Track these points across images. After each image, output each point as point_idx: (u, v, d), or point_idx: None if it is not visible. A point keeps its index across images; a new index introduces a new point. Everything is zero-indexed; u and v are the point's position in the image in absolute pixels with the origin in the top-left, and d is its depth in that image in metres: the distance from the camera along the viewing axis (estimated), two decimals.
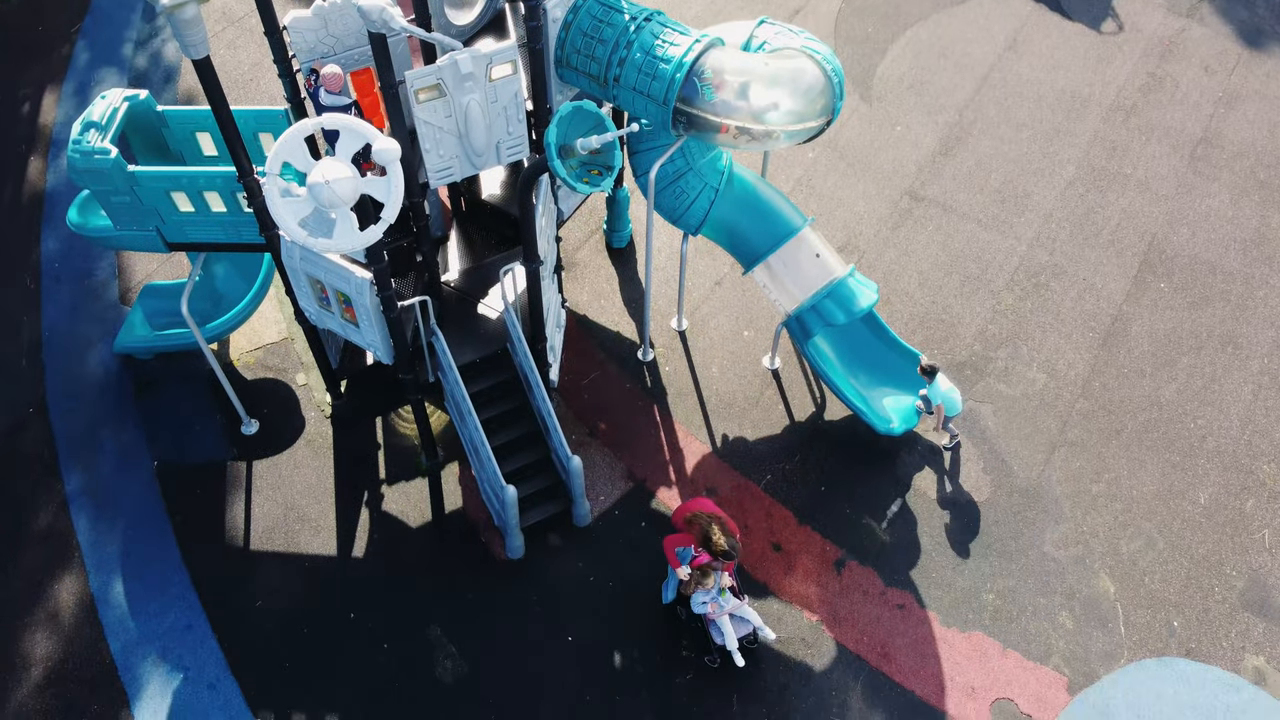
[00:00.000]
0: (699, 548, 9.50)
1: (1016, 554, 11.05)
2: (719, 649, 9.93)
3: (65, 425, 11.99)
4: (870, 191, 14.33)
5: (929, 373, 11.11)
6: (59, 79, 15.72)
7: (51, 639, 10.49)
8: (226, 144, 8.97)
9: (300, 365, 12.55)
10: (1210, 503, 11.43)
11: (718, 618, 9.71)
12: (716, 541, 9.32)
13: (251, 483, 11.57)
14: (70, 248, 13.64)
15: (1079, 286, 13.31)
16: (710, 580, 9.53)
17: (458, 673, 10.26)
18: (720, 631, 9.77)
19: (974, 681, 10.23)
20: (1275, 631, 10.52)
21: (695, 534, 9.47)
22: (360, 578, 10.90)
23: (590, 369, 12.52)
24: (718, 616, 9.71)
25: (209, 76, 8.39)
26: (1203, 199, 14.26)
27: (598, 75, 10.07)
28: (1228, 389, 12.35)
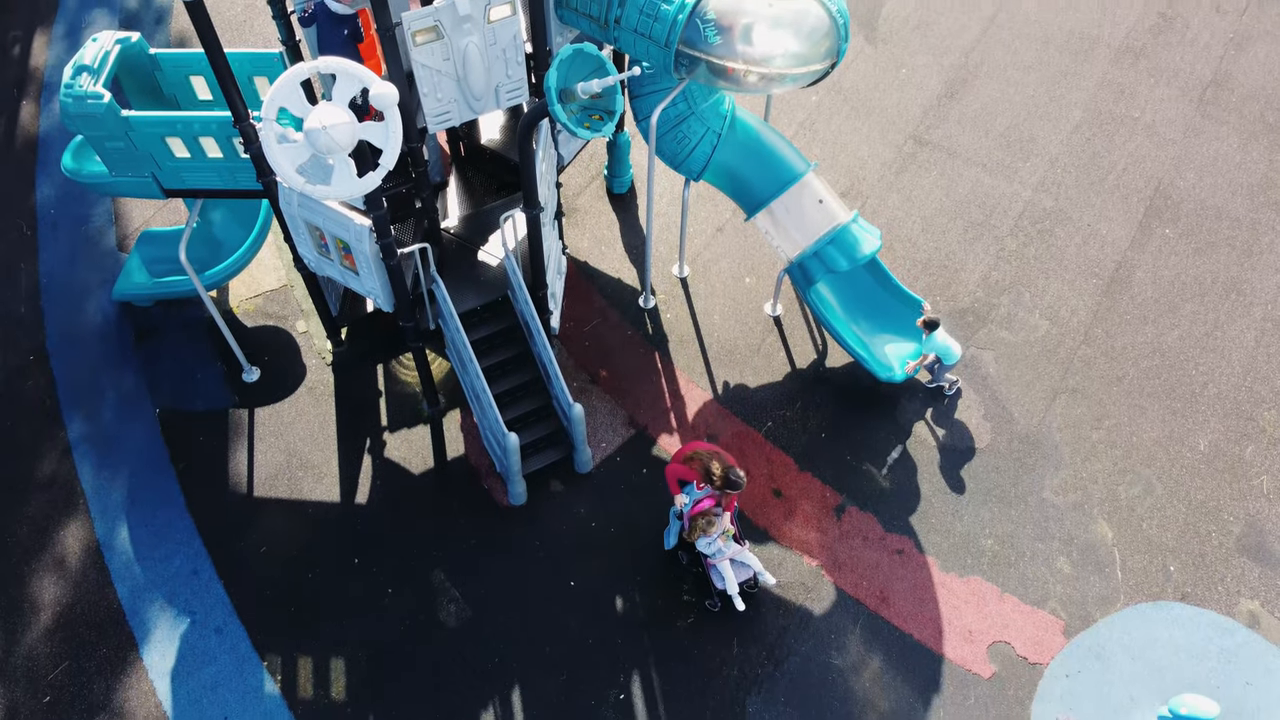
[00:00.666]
0: (702, 484, 9.55)
1: (1015, 500, 11.12)
2: (719, 593, 10.04)
3: (66, 372, 11.99)
4: (874, 135, 14.16)
5: (930, 326, 11.07)
6: (48, 21, 15.44)
7: (59, 584, 10.60)
8: (221, 88, 8.84)
9: (300, 312, 12.51)
10: (1210, 449, 11.47)
11: (719, 563, 9.80)
12: (716, 473, 9.37)
13: (254, 430, 11.60)
14: (66, 193, 13.51)
15: (1083, 232, 13.21)
16: (715, 526, 9.59)
17: (461, 616, 10.38)
18: (721, 576, 9.87)
19: (971, 625, 10.36)
20: (1270, 576, 10.62)
21: (697, 470, 9.52)
22: (363, 524, 10.98)
23: (591, 316, 12.48)
24: (719, 561, 9.79)
25: (202, 19, 8.23)
26: (1210, 143, 14.09)
27: (598, 16, 9.88)
28: (1230, 335, 12.31)
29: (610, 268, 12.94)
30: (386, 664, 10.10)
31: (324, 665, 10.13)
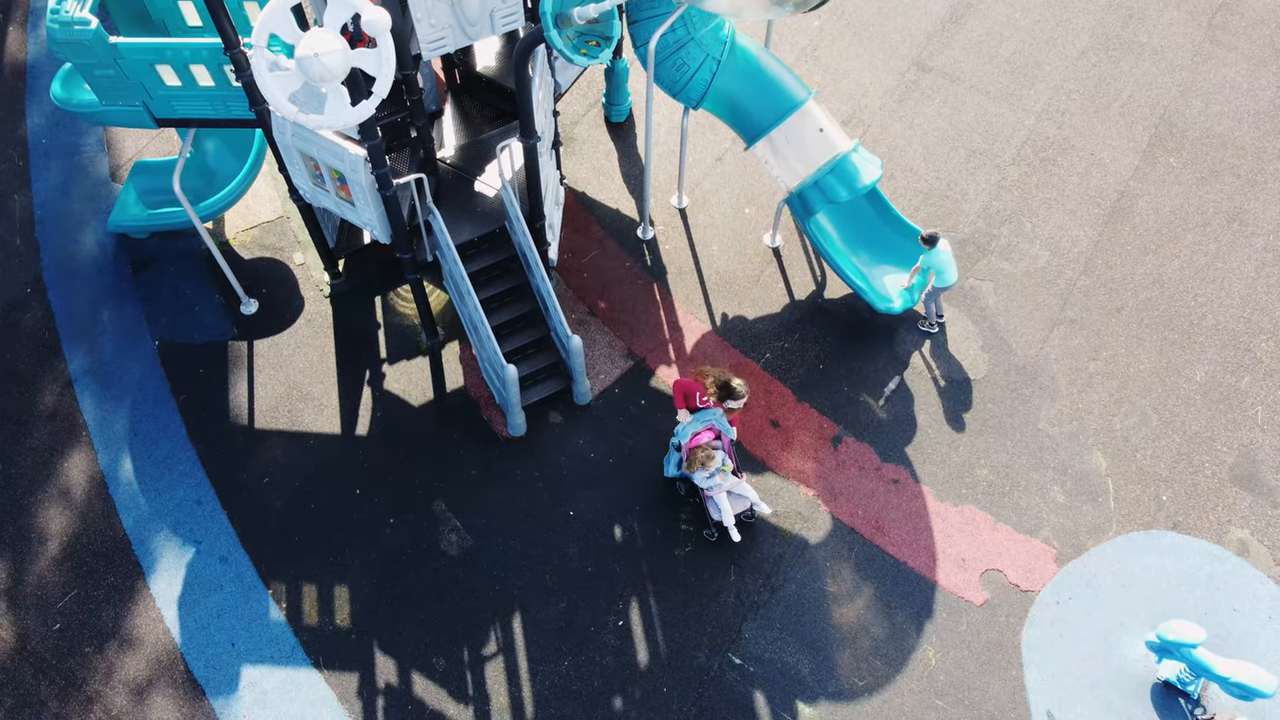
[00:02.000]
0: (705, 396, 9.66)
1: (1011, 430, 11.20)
2: (716, 524, 10.17)
3: (64, 304, 11.97)
4: (876, 62, 13.91)
5: (929, 241, 10.96)
6: None
7: (65, 515, 10.74)
8: (210, 13, 8.66)
9: (297, 244, 12.44)
10: (1206, 379, 11.51)
11: (715, 494, 9.91)
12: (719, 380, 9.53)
13: (253, 362, 11.62)
14: (56, 122, 13.34)
15: (1086, 161, 13.07)
16: (714, 460, 9.67)
17: (462, 545, 10.54)
18: (717, 507, 9.99)
19: (965, 553, 10.52)
20: (1261, 505, 10.75)
21: (702, 380, 9.64)
22: (364, 455, 11.08)
23: (590, 247, 12.41)
24: (715, 493, 9.90)
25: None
26: (1218, 69, 13.86)
27: None
28: (1231, 265, 12.27)
29: (609, 198, 12.83)
30: (388, 592, 10.28)
31: (327, 593, 10.31)
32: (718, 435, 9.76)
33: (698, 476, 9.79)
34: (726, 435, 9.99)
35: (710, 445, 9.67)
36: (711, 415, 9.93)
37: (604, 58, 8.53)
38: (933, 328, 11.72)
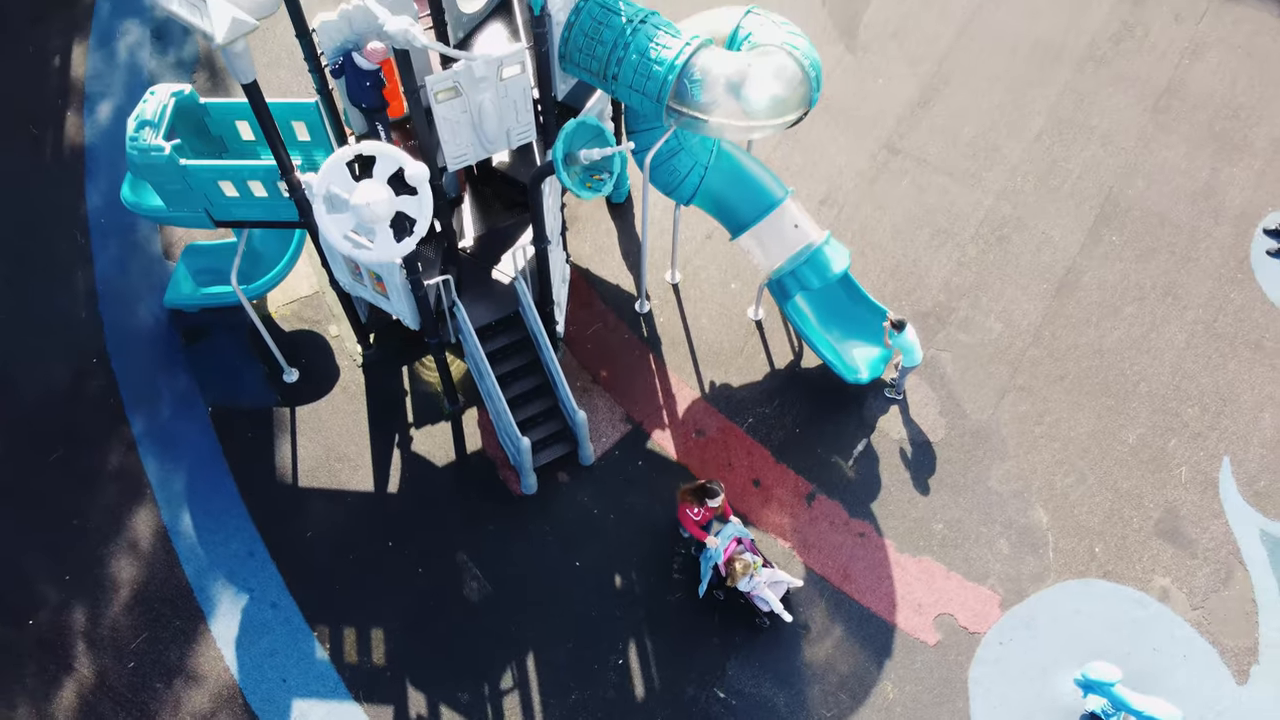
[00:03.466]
0: (695, 508, 11.08)
1: (964, 488, 12.71)
2: (767, 614, 11.49)
3: (126, 373, 13.47)
4: (851, 144, 15.40)
5: (898, 326, 12.46)
6: (85, 30, 16.51)
7: (134, 565, 12.26)
8: (270, 148, 10.16)
9: (332, 317, 13.93)
10: (1137, 442, 13.02)
11: (760, 591, 11.28)
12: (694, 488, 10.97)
13: (295, 426, 13.13)
14: (113, 202, 14.80)
15: (1038, 239, 14.57)
16: (751, 565, 11.05)
17: (482, 592, 12.06)
18: (765, 600, 11.29)
19: (921, 599, 12.04)
20: (1182, 556, 12.27)
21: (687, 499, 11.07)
22: (395, 510, 12.59)
23: (593, 320, 13.92)
24: (760, 590, 11.26)
25: (257, 97, 9.50)
26: (1160, 150, 15.35)
27: (598, 71, 11.11)
28: (1164, 337, 13.77)
29: (609, 273, 14.32)
30: (419, 633, 11.80)
31: (365, 634, 11.83)
32: (715, 515, 11.20)
33: (742, 584, 11.16)
34: (747, 538, 11.41)
35: (740, 555, 11.07)
36: (730, 530, 11.33)
37: (606, 190, 10.04)
38: (898, 396, 13.22)
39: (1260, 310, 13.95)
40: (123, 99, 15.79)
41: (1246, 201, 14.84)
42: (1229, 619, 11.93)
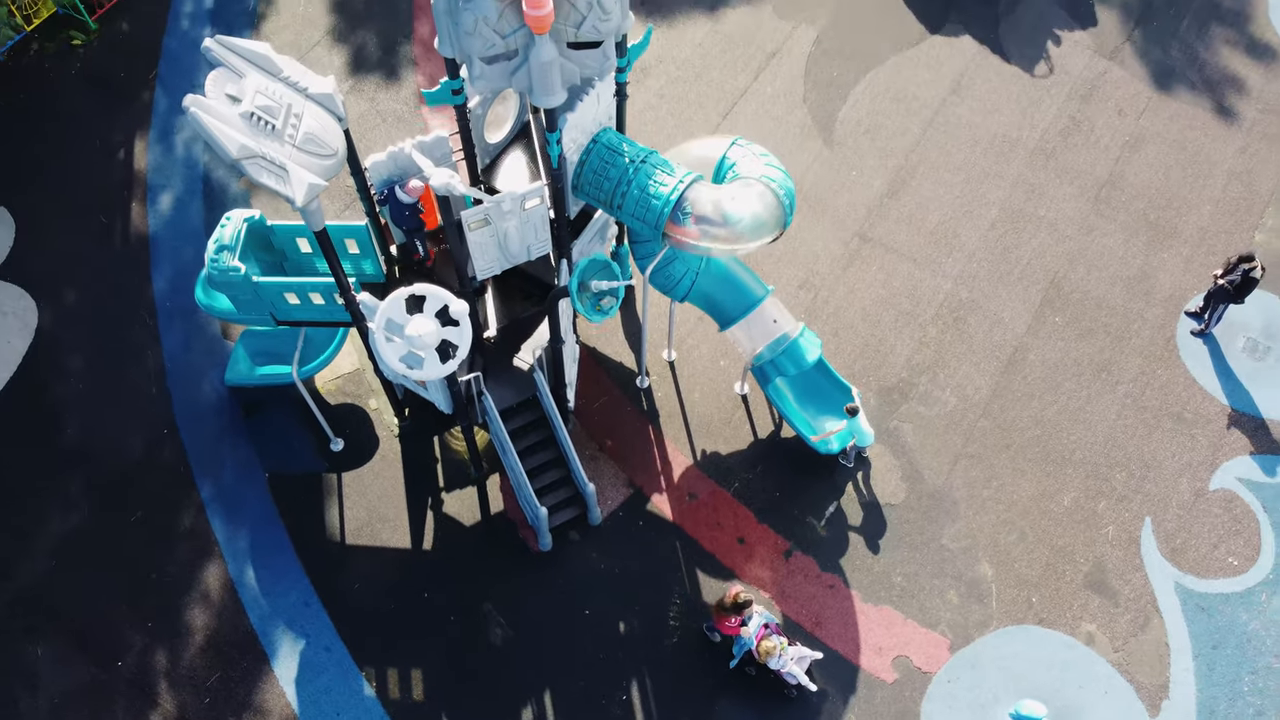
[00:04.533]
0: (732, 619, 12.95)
1: (920, 545, 14.73)
2: (795, 686, 13.32)
3: (194, 443, 15.47)
4: (827, 233, 17.40)
5: (852, 413, 14.51)
6: (145, 125, 18.50)
7: (205, 613, 14.26)
8: (332, 274, 12.14)
9: (371, 391, 15.93)
10: (1071, 504, 15.04)
11: (789, 667, 13.12)
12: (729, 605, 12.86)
13: (342, 490, 15.14)
14: (176, 287, 16.80)
15: (990, 320, 16.58)
16: (778, 647, 12.98)
17: (505, 637, 14.07)
18: (793, 675, 13.12)
19: (881, 643, 14.06)
20: (1106, 605, 14.29)
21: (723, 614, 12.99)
22: (429, 565, 14.60)
23: (599, 395, 15.92)
24: (789, 666, 13.09)
25: (325, 241, 11.50)
26: (1100, 238, 17.36)
27: (605, 200, 13.09)
28: (1097, 410, 15.79)
29: (613, 352, 16.33)
30: (453, 673, 13.81)
31: (406, 673, 13.84)
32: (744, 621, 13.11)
33: (772, 664, 13.11)
34: (773, 623, 13.29)
35: (769, 638, 12.95)
36: (758, 619, 13.13)
37: (614, 312, 12.04)
38: (849, 464, 15.21)
39: (1182, 385, 15.98)
40: (181, 190, 17.80)
41: (1174, 285, 16.86)
42: (1145, 660, 13.97)
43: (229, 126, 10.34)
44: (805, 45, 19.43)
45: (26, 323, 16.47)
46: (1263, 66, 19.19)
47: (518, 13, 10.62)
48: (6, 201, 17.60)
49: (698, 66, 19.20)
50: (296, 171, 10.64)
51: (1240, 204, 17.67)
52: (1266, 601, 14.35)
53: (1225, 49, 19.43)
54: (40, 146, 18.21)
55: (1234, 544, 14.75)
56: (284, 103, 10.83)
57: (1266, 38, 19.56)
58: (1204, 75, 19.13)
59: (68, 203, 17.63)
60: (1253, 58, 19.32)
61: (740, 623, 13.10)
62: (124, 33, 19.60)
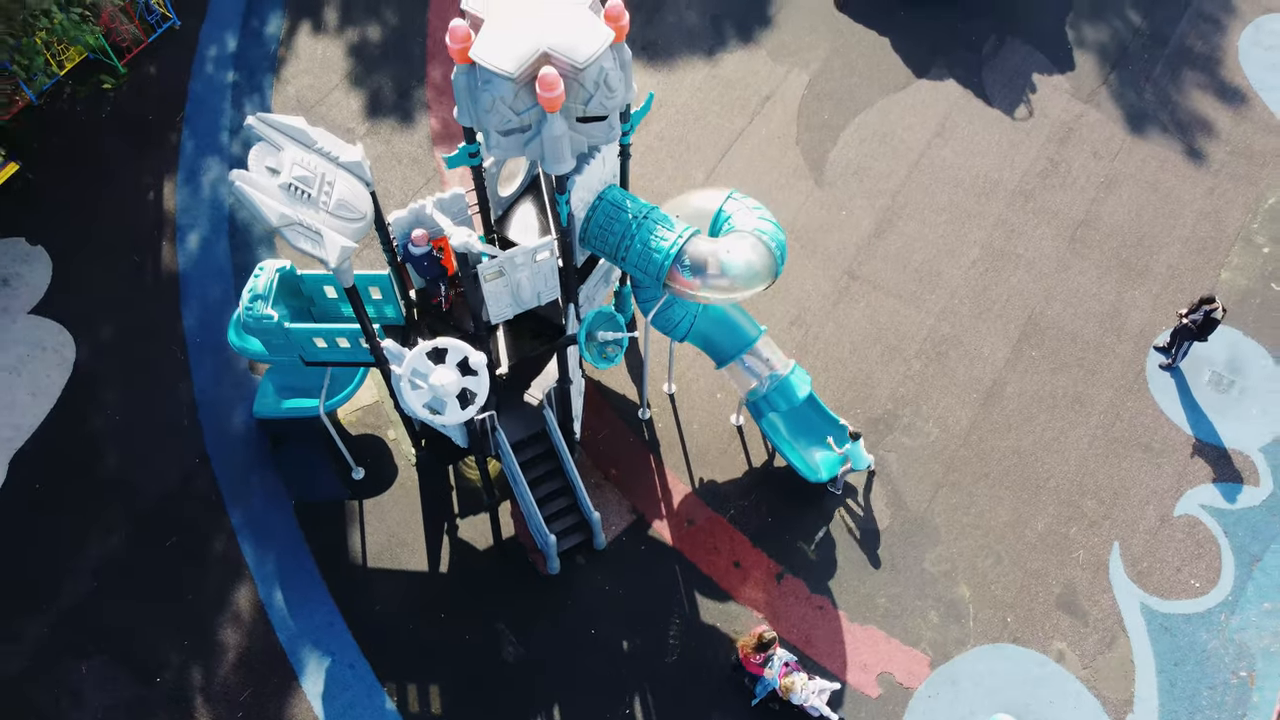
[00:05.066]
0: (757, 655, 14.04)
1: (903, 569, 15.79)
2: (819, 718, 14.41)
3: (224, 472, 16.52)
4: (817, 271, 18.46)
5: (855, 436, 15.56)
6: (173, 167, 19.56)
7: (237, 633, 15.32)
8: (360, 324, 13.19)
9: (390, 423, 16.99)
10: (1044, 529, 16.11)
11: (812, 700, 14.16)
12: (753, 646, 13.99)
13: (363, 516, 16.19)
14: (205, 323, 17.86)
15: (970, 354, 17.64)
16: (798, 683, 14.02)
17: (517, 654, 15.13)
18: (816, 708, 14.21)
19: (866, 660, 15.11)
20: (1076, 624, 15.35)
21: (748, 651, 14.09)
22: (446, 587, 15.65)
23: (604, 426, 16.98)
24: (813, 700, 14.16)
25: (355, 297, 12.55)
26: (1075, 276, 18.42)
27: (610, 252, 14.13)
28: (1070, 440, 16.86)
29: (617, 385, 17.38)
30: (469, 688, 14.86)
31: (425, 689, 14.90)
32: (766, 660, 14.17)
33: (794, 699, 14.14)
34: (792, 660, 14.35)
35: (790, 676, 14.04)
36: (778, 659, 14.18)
37: (618, 360, 13.10)
38: (838, 491, 16.28)
39: (1150, 417, 17.05)
40: (208, 230, 18.86)
41: (1145, 321, 17.93)
42: (1111, 676, 15.03)
43: (269, 197, 11.42)
44: (798, 89, 20.50)
45: (65, 357, 17.52)
46: (1231, 110, 20.26)
47: (531, 93, 11.66)
48: (44, 241, 18.66)
49: (696, 110, 20.27)
50: (330, 236, 11.71)
51: (1208, 243, 18.74)
52: (1225, 621, 15.42)
53: (1196, 92, 20.51)
54: (75, 187, 19.26)
55: (1196, 567, 15.81)
56: (318, 172, 11.91)
57: (1236, 81, 20.63)
58: (1176, 118, 20.20)
59: (101, 242, 18.69)
60: (1223, 101, 20.39)
61: (764, 661, 14.14)
62: (151, 76, 20.66)
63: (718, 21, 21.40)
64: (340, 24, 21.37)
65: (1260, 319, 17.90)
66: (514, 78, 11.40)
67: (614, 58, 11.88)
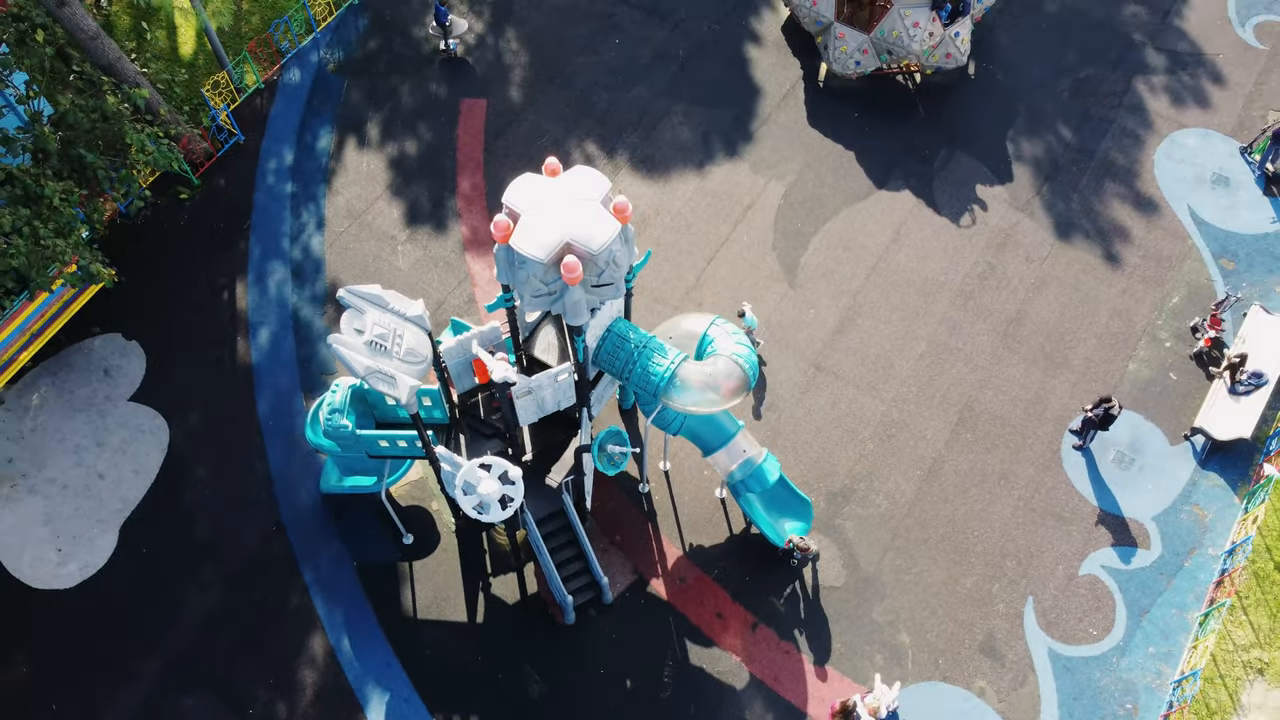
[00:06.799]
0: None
1: (855, 620, 19.32)
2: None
3: (298, 538, 20.02)
4: (789, 363, 21.97)
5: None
6: (243, 270, 23.03)
7: (312, 672, 18.83)
8: (419, 437, 16.69)
9: (433, 495, 20.50)
10: (972, 586, 19.64)
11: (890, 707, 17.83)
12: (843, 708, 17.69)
13: (413, 575, 19.71)
14: (276, 409, 21.34)
15: (915, 436, 21.16)
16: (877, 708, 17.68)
17: (541, 691, 18.66)
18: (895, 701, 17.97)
19: (824, 695, 18.65)
20: (995, 666, 18.88)
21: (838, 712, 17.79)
22: (481, 634, 19.17)
23: (610, 498, 20.50)
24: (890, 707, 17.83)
25: (418, 422, 16.04)
26: (1006, 368, 21.93)
27: (616, 372, 17.62)
28: (996, 510, 20.39)
29: None
30: (501, 717, 18.38)
31: (466, 718, 18.42)
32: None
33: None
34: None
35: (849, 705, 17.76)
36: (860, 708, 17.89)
37: (624, 466, 16.61)
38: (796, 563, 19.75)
39: (1063, 491, 20.57)
40: (276, 326, 22.34)
41: (1062, 407, 21.45)
42: (1022, 708, 18.56)
43: (357, 353, 14.94)
44: (775, 199, 23.98)
45: (160, 440, 21.03)
46: (1145, 218, 23.76)
47: (556, 271, 15.15)
48: (138, 336, 22.14)
49: (688, 218, 23.75)
50: (402, 379, 15.23)
51: (1118, 337, 22.25)
52: (1116, 663, 18.96)
53: (1115, 201, 24.00)
54: (160, 289, 22.73)
55: (1095, 618, 19.35)
56: (391, 328, 15.44)
57: (1150, 192, 24.12)
58: (1097, 225, 23.70)
59: (186, 337, 22.18)
60: (1138, 210, 23.88)
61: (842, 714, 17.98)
62: (220, 187, 24.13)
63: (707, 137, 24.89)
64: (381, 139, 24.84)
65: (1159, 405, 21.42)
66: (544, 262, 14.91)
67: (620, 239, 15.39)
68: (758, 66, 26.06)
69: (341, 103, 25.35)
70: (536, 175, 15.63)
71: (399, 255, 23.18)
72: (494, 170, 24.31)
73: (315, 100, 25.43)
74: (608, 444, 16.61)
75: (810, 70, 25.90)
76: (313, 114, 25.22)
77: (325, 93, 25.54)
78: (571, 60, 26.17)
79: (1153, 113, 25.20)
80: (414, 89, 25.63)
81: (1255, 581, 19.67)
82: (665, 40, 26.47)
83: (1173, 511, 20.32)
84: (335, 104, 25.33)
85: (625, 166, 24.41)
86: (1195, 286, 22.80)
